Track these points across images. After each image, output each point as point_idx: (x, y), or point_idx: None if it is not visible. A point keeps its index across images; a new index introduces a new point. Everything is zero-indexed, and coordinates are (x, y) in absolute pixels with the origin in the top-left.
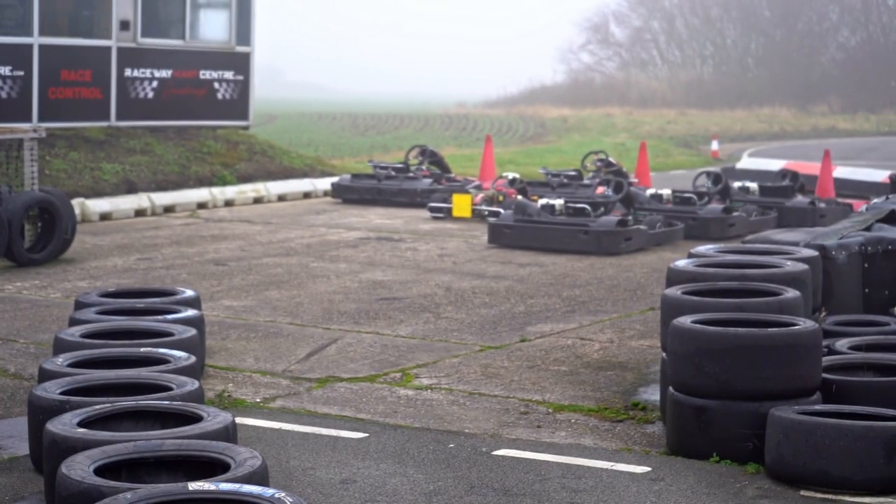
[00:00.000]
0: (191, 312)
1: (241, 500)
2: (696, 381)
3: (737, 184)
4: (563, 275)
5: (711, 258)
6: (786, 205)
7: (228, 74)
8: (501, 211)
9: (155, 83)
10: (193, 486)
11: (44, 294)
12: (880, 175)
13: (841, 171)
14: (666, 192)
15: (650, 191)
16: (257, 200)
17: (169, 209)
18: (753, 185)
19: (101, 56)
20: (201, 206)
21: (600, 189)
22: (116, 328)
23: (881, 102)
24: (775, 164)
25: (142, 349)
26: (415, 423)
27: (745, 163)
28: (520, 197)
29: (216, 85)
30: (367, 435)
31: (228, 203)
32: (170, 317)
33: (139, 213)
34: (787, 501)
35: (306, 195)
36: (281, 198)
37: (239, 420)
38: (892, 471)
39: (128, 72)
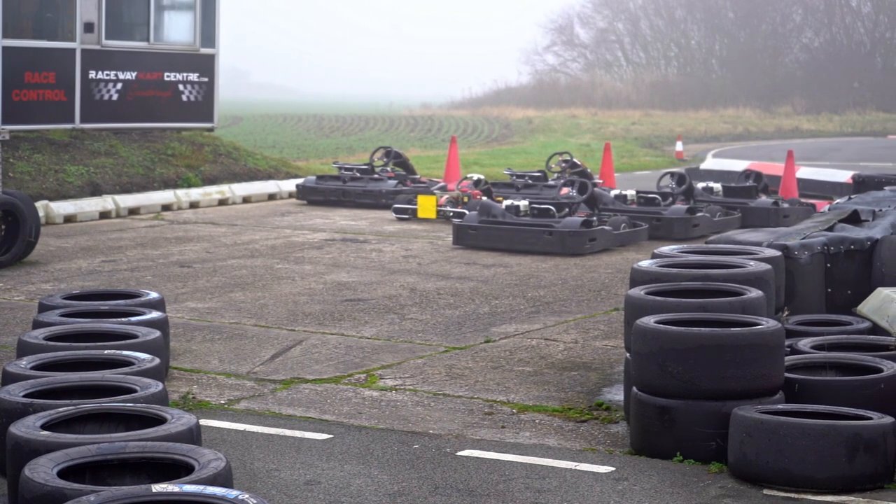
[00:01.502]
0: (155, 315)
1: (205, 502)
2: (659, 381)
3: (701, 184)
4: (528, 275)
5: (675, 258)
6: (749, 205)
7: (193, 76)
8: (466, 212)
9: (119, 85)
10: (157, 487)
11: (7, 297)
12: (843, 175)
13: (804, 172)
14: (630, 192)
15: (614, 191)
16: (222, 202)
17: (133, 211)
18: (717, 186)
19: (66, 58)
20: (166, 208)
21: (565, 190)
22: (80, 331)
23: (844, 103)
24: (739, 165)
25: (106, 352)
26: (379, 424)
27: (709, 163)
28: (484, 198)
29: (181, 87)
30: (331, 436)
31: (193, 205)
32: (134, 319)
33: (104, 215)
34: (749, 500)
35: (271, 197)
36: (246, 199)
37: (203, 422)
38: (854, 469)
39: (92, 74)
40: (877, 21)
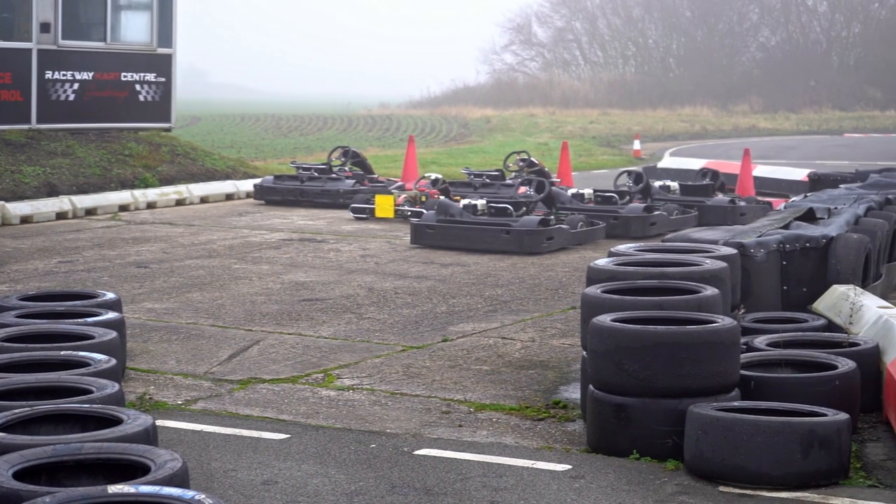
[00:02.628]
0: (111, 315)
1: (161, 503)
2: (615, 379)
3: (658, 183)
4: (485, 274)
5: (631, 257)
6: (706, 203)
7: (150, 76)
8: (424, 211)
9: (76, 85)
10: (113, 488)
11: None
12: (800, 174)
13: (761, 170)
14: (587, 191)
15: (572, 190)
16: (179, 202)
17: (90, 212)
18: (674, 184)
19: (22, 58)
20: (123, 208)
21: (522, 189)
22: (36, 332)
23: (801, 102)
24: (696, 164)
25: (62, 353)
26: (336, 423)
27: (667, 162)
28: (442, 197)
29: (138, 87)
30: (288, 436)
31: (150, 205)
32: (90, 320)
33: (60, 215)
34: (705, 497)
35: (229, 197)
36: (203, 200)
37: (160, 422)
38: (809, 466)
39: (48, 74)
40: (833, 20)
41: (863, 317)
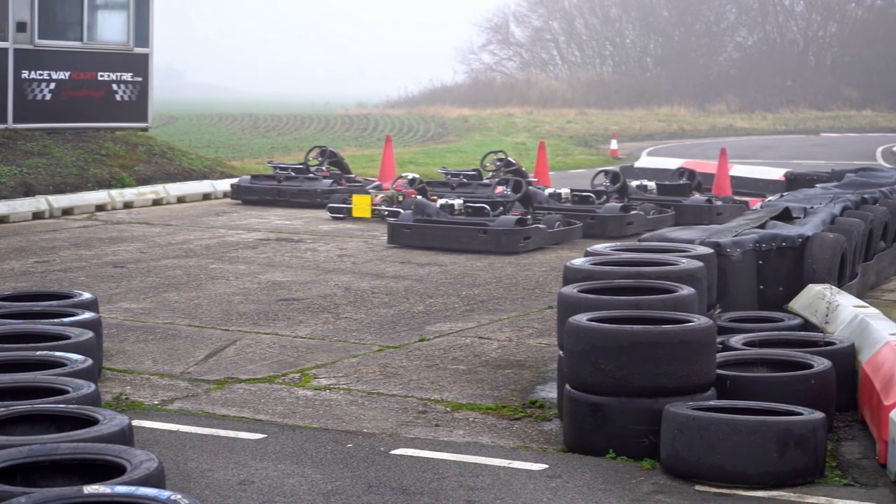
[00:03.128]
0: (88, 315)
1: (137, 503)
2: (592, 379)
3: (635, 182)
4: (463, 274)
5: (608, 256)
6: (683, 203)
7: (127, 76)
8: (401, 211)
9: (52, 85)
10: (89, 489)
11: None
12: (776, 173)
13: (738, 170)
14: (565, 190)
15: (549, 190)
16: (156, 202)
17: (67, 212)
18: (651, 184)
19: None
20: (100, 208)
21: (499, 188)
22: (12, 332)
23: (778, 101)
24: (673, 163)
25: (38, 353)
26: (313, 423)
27: (644, 161)
28: (419, 197)
29: (115, 86)
30: (265, 436)
31: (127, 205)
32: (66, 320)
33: (37, 215)
34: (682, 496)
35: (206, 197)
36: (180, 199)
37: (136, 423)
38: (785, 464)
39: (25, 73)
40: (809, 19)
41: (839, 316)
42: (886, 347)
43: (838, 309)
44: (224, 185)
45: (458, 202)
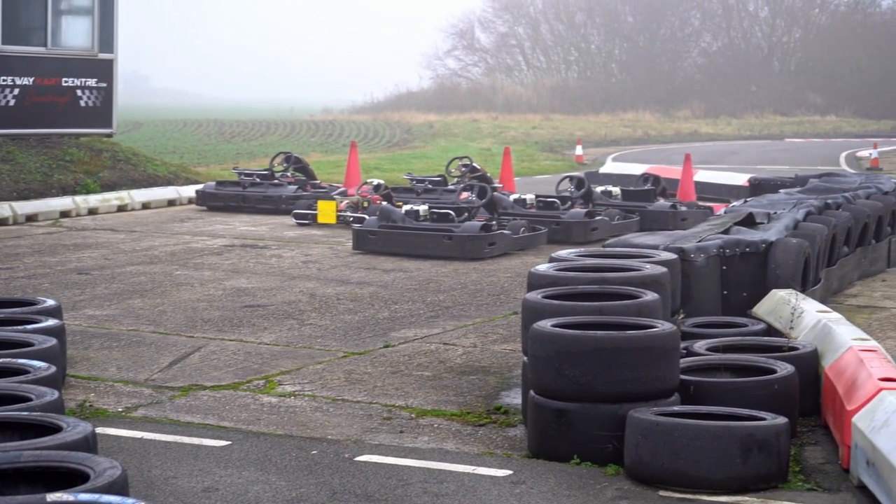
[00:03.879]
0: (51, 322)
1: None
2: (556, 385)
3: (599, 188)
4: (427, 280)
5: (572, 262)
6: (648, 208)
7: (91, 82)
8: (366, 217)
9: (16, 91)
10: (52, 497)
11: None
12: (741, 178)
13: (702, 175)
14: (530, 196)
15: (514, 196)
16: (121, 208)
17: (31, 218)
18: (616, 190)
19: None
20: (64, 214)
21: (464, 194)
22: None
23: (742, 107)
24: (638, 169)
25: (0, 360)
26: (278, 430)
27: (609, 167)
28: (384, 203)
29: (79, 92)
30: (229, 443)
31: (92, 211)
32: (30, 327)
33: (0, 222)
34: (645, 502)
35: (171, 203)
36: (145, 206)
37: (100, 430)
38: (748, 470)
39: None
40: (774, 25)
41: (802, 321)
42: (849, 352)
43: (802, 314)
44: (189, 191)
45: (423, 208)
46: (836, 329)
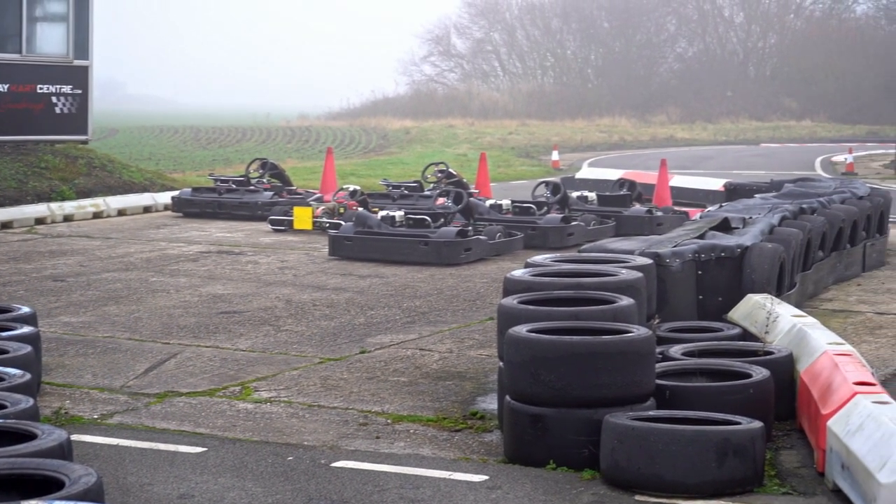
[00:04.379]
0: (26, 329)
1: None
2: (532, 390)
3: (575, 193)
4: (404, 286)
5: (548, 267)
6: (624, 214)
7: (66, 88)
8: (342, 223)
9: None
10: None
11: None
12: (716, 183)
13: (678, 180)
14: (506, 202)
15: (490, 201)
16: (97, 215)
17: (6, 225)
18: (592, 195)
19: None
20: (40, 221)
21: (440, 200)
22: None
23: (718, 112)
24: (614, 174)
25: None
26: (254, 436)
27: (585, 172)
28: (360, 209)
29: (54, 99)
30: (205, 449)
31: (67, 218)
32: (4, 334)
33: None
34: None
35: (147, 209)
36: (121, 212)
37: (76, 437)
38: (724, 474)
39: None
40: (749, 31)
41: (777, 325)
42: (824, 357)
43: (777, 319)
44: (165, 197)
45: (399, 214)
46: (812, 333)
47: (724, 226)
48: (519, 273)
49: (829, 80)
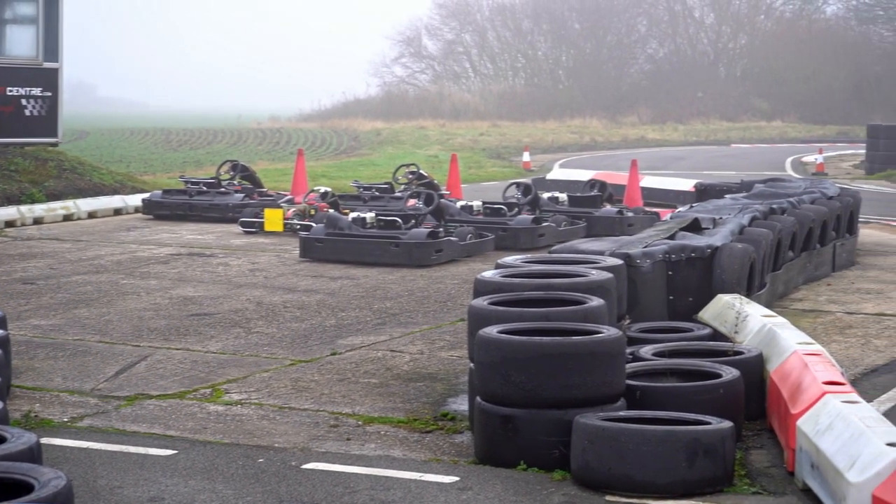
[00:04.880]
0: None
1: None
2: (502, 391)
3: (546, 194)
4: (375, 287)
5: (518, 268)
6: (594, 214)
7: (36, 91)
8: (313, 225)
9: None
10: None
11: None
12: (687, 184)
13: (649, 181)
14: (476, 203)
15: (461, 202)
16: (67, 218)
17: None
18: (563, 196)
19: None
20: (9, 224)
21: (411, 201)
22: None
23: (689, 113)
24: (585, 175)
25: None
26: (224, 438)
27: (556, 173)
28: (331, 210)
29: (24, 101)
30: (175, 452)
31: (37, 221)
32: None
33: None
34: None
35: (117, 212)
36: (91, 215)
37: (46, 440)
38: (694, 474)
39: None
40: (720, 31)
41: (747, 325)
42: (794, 356)
43: (747, 319)
44: (135, 199)
45: (370, 215)
46: (781, 333)
47: (695, 226)
48: (489, 274)
49: (800, 80)
